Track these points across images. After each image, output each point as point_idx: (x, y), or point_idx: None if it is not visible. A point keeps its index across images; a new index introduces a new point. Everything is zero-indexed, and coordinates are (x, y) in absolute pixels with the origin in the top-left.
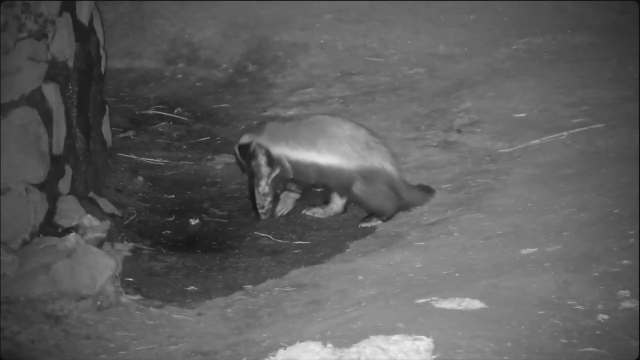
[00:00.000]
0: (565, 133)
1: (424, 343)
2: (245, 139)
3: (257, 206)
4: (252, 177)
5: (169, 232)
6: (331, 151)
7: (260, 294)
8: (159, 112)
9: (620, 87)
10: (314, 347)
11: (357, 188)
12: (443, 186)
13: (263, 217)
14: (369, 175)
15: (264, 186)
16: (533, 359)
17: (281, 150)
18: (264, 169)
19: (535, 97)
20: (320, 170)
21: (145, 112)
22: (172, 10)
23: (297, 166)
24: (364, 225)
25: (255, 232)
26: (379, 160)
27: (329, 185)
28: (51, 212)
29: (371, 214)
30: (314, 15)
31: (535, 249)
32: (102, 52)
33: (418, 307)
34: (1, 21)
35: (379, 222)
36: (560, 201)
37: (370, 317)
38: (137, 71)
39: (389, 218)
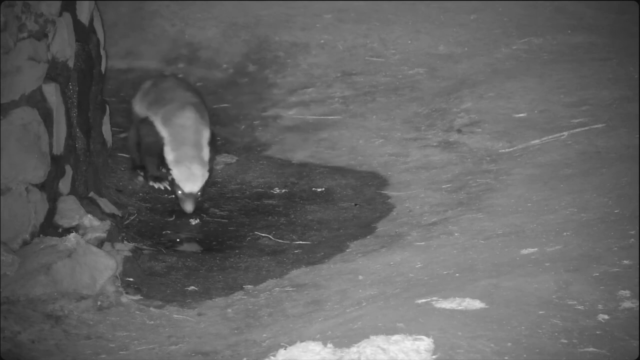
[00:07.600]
0: (565, 133)
1: (424, 343)
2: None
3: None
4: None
5: (169, 232)
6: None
7: (261, 294)
8: None
9: (620, 87)
10: (314, 347)
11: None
12: (443, 186)
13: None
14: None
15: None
16: (533, 359)
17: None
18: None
19: (536, 97)
20: None
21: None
22: (172, 10)
23: None
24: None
25: (256, 232)
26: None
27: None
28: (51, 212)
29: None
30: (314, 15)
31: (536, 249)
32: (102, 52)
33: (418, 307)
34: (1, 21)
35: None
36: (560, 201)
37: (371, 317)
38: (138, 71)
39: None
